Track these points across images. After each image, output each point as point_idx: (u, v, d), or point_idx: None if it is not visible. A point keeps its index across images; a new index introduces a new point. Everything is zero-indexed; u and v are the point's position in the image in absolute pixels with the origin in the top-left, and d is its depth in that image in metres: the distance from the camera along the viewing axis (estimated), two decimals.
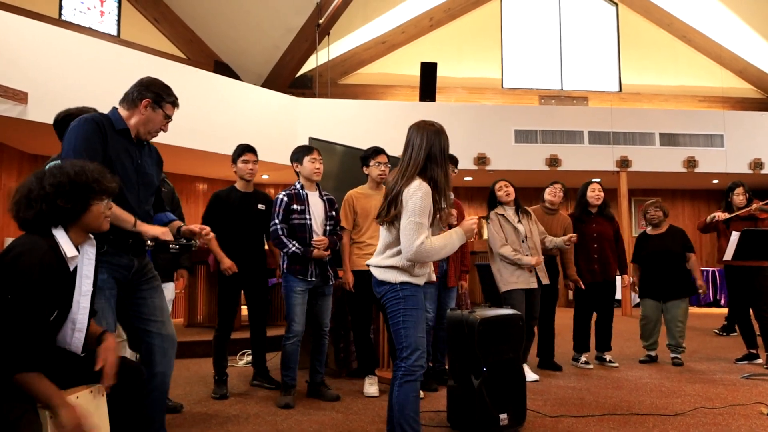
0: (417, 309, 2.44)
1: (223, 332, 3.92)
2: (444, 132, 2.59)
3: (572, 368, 4.77)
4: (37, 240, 1.77)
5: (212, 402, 3.72)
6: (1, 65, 5.63)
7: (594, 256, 4.83)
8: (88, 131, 2.25)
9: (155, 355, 2.41)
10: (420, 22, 11.48)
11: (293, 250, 3.61)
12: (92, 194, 1.86)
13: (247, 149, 4.00)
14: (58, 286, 1.77)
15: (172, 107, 2.52)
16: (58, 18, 8.65)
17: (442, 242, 2.40)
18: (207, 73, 8.42)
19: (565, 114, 9.89)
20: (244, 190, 4.02)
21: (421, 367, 2.42)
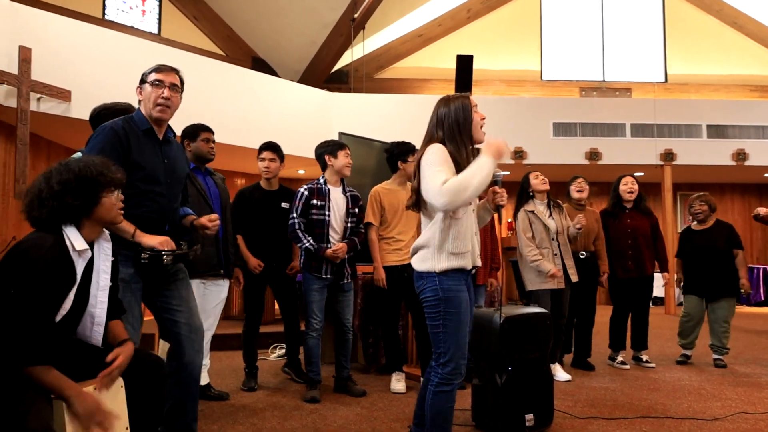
0: (459, 312, 2.22)
1: (251, 327, 3.98)
2: (455, 99, 2.36)
3: (607, 368, 4.64)
4: (43, 236, 1.82)
5: (241, 394, 3.78)
6: (46, 65, 5.83)
7: (628, 252, 4.68)
8: (105, 142, 2.27)
9: (183, 345, 2.44)
10: (457, 14, 11.34)
11: (306, 245, 3.62)
12: (100, 187, 1.90)
13: (264, 147, 4.03)
14: (61, 279, 1.80)
15: (156, 72, 2.42)
16: (101, 18, 8.91)
17: (468, 172, 2.13)
18: (244, 70, 8.52)
19: (606, 106, 9.60)
20: (267, 188, 4.04)
21: (459, 375, 2.24)
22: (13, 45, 5.59)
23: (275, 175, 4.04)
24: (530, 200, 4.35)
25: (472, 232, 2.34)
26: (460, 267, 2.24)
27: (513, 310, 3.09)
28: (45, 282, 1.74)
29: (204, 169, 3.67)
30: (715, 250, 4.77)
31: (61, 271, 1.80)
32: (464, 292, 2.26)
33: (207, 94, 7.40)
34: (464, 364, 2.26)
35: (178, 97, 2.48)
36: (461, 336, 2.23)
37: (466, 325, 2.26)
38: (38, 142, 6.65)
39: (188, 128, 3.66)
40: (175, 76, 2.47)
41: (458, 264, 2.24)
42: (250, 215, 3.95)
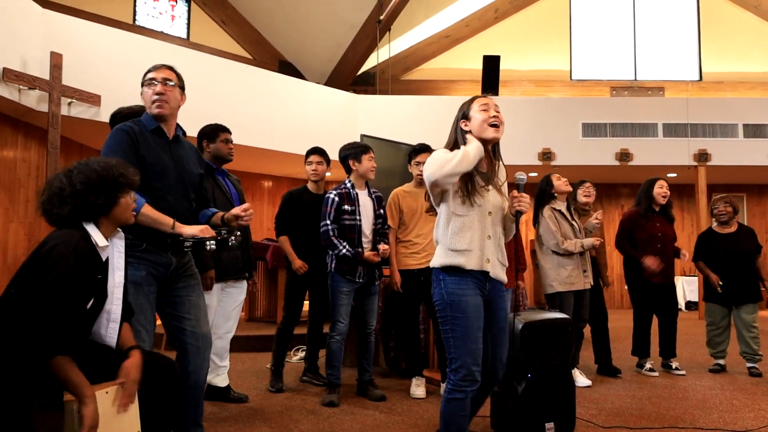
0: (465, 316, 2.16)
1: (287, 327, 4.02)
2: (464, 104, 2.40)
3: (634, 375, 4.50)
4: (70, 231, 1.85)
5: (261, 396, 3.79)
6: (77, 70, 5.96)
7: (655, 256, 4.55)
8: (118, 143, 2.33)
9: (189, 353, 2.45)
10: (484, 14, 11.23)
11: (343, 251, 3.60)
12: (120, 188, 1.94)
13: (312, 152, 4.10)
14: (92, 273, 1.85)
15: (149, 72, 2.45)
16: (132, 23, 9.09)
17: (451, 155, 2.18)
18: (271, 73, 8.59)
19: (637, 105, 9.37)
20: (315, 192, 4.09)
21: (473, 382, 2.17)
22: (45, 51, 5.74)
23: (322, 177, 4.11)
24: (553, 200, 4.27)
25: (482, 234, 2.27)
26: (458, 265, 2.20)
27: (533, 315, 3.02)
28: (77, 275, 1.77)
29: (221, 170, 3.70)
30: (745, 255, 4.64)
31: (91, 264, 1.85)
32: (471, 296, 2.21)
33: (234, 97, 7.49)
34: (478, 371, 2.19)
35: (175, 91, 2.46)
36: (471, 341, 2.16)
37: (477, 330, 2.20)
38: (69, 145, 6.81)
39: (206, 128, 3.67)
40: (167, 71, 2.47)
41: (456, 261, 2.20)
42: (298, 217, 3.99)
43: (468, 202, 2.24)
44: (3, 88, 5.31)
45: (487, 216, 2.29)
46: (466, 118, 2.35)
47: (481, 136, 2.29)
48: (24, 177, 6.20)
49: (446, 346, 2.22)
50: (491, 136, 2.30)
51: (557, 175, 4.34)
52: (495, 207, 2.32)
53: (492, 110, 2.31)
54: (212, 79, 7.32)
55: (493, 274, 2.28)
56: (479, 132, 2.29)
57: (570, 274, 4.09)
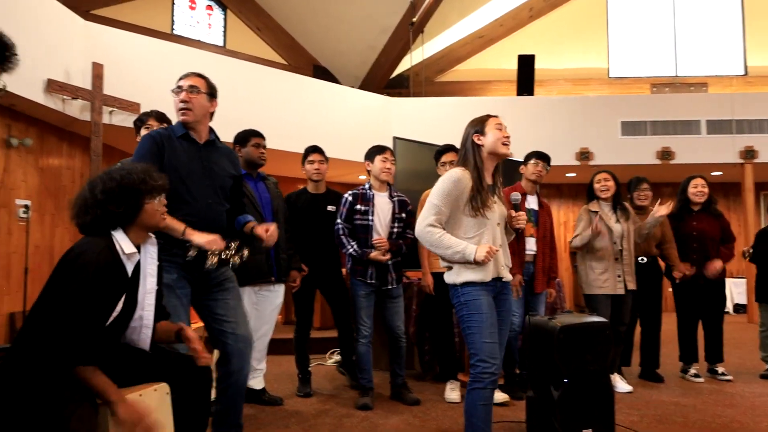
0: (480, 313, 2.39)
1: (301, 332, 3.99)
2: (476, 121, 2.60)
3: (678, 381, 4.35)
4: (95, 240, 1.88)
5: (295, 399, 3.80)
6: (117, 79, 6.13)
7: (693, 257, 4.38)
8: (144, 150, 2.41)
9: (230, 354, 2.48)
10: (519, 13, 11.09)
11: (350, 250, 3.60)
12: (141, 195, 1.94)
13: (312, 150, 4.05)
14: (114, 282, 1.85)
15: (178, 80, 2.54)
16: (170, 32, 9.31)
17: (447, 244, 2.38)
18: (306, 78, 8.67)
19: (679, 102, 9.08)
20: (314, 192, 4.05)
21: (491, 375, 2.36)
22: (87, 62, 5.92)
23: (323, 177, 4.06)
24: (595, 201, 4.15)
25: (494, 245, 2.44)
26: (479, 280, 2.40)
27: (570, 318, 2.94)
28: (97, 285, 1.79)
29: (256, 174, 3.73)
30: None
31: (112, 275, 1.85)
32: (485, 297, 2.42)
33: (270, 102, 7.58)
34: (495, 364, 2.38)
35: (201, 97, 2.51)
36: (486, 336, 2.37)
37: (491, 326, 2.40)
38: (111, 152, 7.00)
39: (239, 134, 3.73)
40: (195, 78, 2.53)
41: (476, 277, 2.40)
42: (298, 219, 3.97)
43: (480, 218, 2.43)
44: (48, 98, 5.50)
45: (497, 227, 2.51)
46: (480, 133, 2.53)
47: (496, 151, 2.51)
48: (69, 184, 6.41)
49: (467, 343, 2.43)
50: (504, 152, 2.52)
51: (600, 176, 4.16)
52: (501, 217, 2.55)
53: (504, 131, 2.55)
54: (248, 85, 7.43)
55: (506, 278, 2.53)
56: (494, 148, 2.50)
57: (598, 278, 3.97)
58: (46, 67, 5.46)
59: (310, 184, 4.07)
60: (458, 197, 2.43)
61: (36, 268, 5.64)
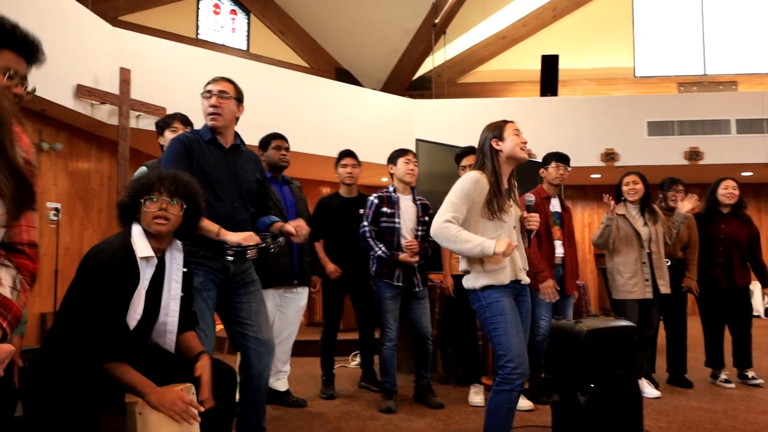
0: (504, 314, 2.40)
1: (329, 334, 4.01)
2: (488, 128, 2.62)
3: (708, 386, 4.25)
4: (112, 240, 1.93)
5: (319, 401, 3.82)
6: (144, 84, 6.24)
7: (717, 260, 4.28)
8: (173, 153, 2.42)
9: (251, 358, 2.50)
10: (542, 13, 10.99)
11: (379, 252, 3.60)
12: (139, 194, 1.97)
13: (345, 154, 4.08)
14: (126, 281, 1.88)
15: (207, 84, 2.54)
16: (195, 37, 9.44)
17: (466, 238, 2.38)
18: (328, 81, 8.71)
19: (708, 101, 8.90)
20: (346, 196, 4.07)
21: (520, 375, 2.35)
22: (115, 67, 6.03)
23: (356, 180, 4.08)
24: (623, 203, 4.08)
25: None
26: (498, 283, 2.42)
27: (597, 322, 2.89)
28: (109, 282, 1.83)
29: (281, 177, 3.75)
30: None
31: (124, 273, 1.88)
32: (506, 298, 2.43)
33: (292, 105, 7.63)
34: (524, 366, 2.36)
35: (230, 102, 2.53)
36: (513, 335, 2.37)
37: (516, 326, 2.40)
38: (138, 156, 7.11)
39: (262, 138, 3.77)
40: (224, 83, 2.54)
41: (495, 281, 2.42)
42: (330, 222, 3.99)
43: (497, 221, 2.45)
44: (77, 103, 5.62)
45: (513, 230, 2.53)
46: (498, 138, 2.55)
47: (514, 156, 2.53)
48: (97, 187, 6.53)
49: (495, 345, 2.43)
50: (522, 157, 2.55)
51: (628, 179, 4.07)
52: (517, 220, 2.58)
53: (521, 135, 2.58)
54: (271, 88, 7.49)
55: (523, 281, 2.54)
56: (513, 152, 2.53)
57: (626, 282, 3.90)
58: (75, 73, 5.58)
59: (342, 188, 4.10)
60: (476, 199, 2.45)
61: (65, 269, 5.75)
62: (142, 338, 1.97)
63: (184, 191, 2.01)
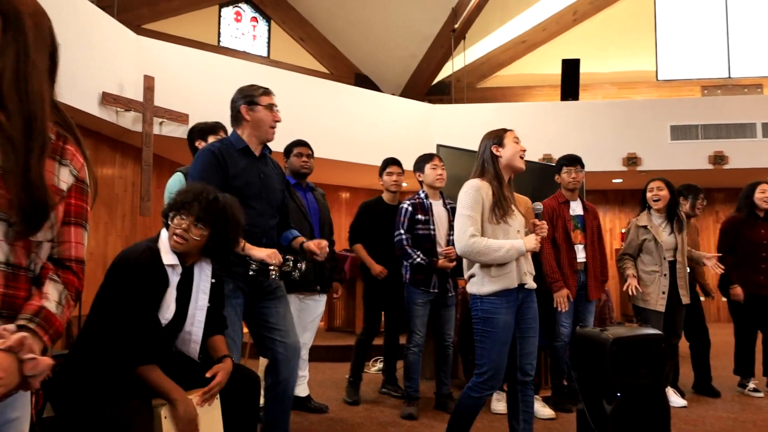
0: (495, 330, 2.44)
1: (367, 337, 4.03)
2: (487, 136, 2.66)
3: (736, 395, 4.17)
4: (140, 244, 1.98)
5: (340, 407, 3.82)
6: (167, 91, 6.32)
7: (761, 266, 4.19)
8: (204, 164, 2.42)
9: (279, 363, 2.50)
10: (563, 17, 10.91)
11: (418, 260, 3.59)
12: (169, 209, 2.01)
13: (391, 162, 4.12)
14: (153, 284, 1.91)
15: (267, 96, 2.58)
16: (217, 44, 9.55)
17: (497, 245, 2.43)
18: (348, 87, 8.75)
19: (733, 105, 8.76)
20: (390, 203, 4.10)
21: (490, 387, 2.47)
22: (139, 75, 6.13)
23: (400, 188, 4.12)
24: (646, 212, 4.00)
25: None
26: (503, 289, 2.46)
27: (623, 330, 2.86)
28: (137, 283, 1.87)
29: (305, 184, 3.77)
30: None
31: (150, 276, 1.91)
32: (503, 315, 2.45)
33: (312, 111, 7.67)
34: (498, 381, 2.47)
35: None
36: (496, 353, 2.44)
37: (503, 345, 2.46)
38: (161, 162, 7.22)
39: (286, 146, 3.80)
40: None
41: (501, 286, 2.46)
42: (373, 228, 4.02)
43: (502, 224, 2.50)
44: (102, 110, 5.71)
45: (517, 234, 2.56)
46: (499, 144, 2.60)
47: (512, 164, 2.58)
48: (121, 193, 6.63)
49: (476, 352, 2.51)
50: (520, 166, 2.60)
51: (653, 185, 3.99)
52: (521, 225, 2.61)
53: (521, 144, 2.62)
54: (292, 94, 7.54)
55: (528, 285, 2.56)
56: (511, 160, 2.58)
57: (645, 292, 3.84)
58: (101, 81, 5.68)
59: (386, 195, 4.13)
60: (482, 205, 2.50)
61: (90, 274, 5.83)
62: (167, 344, 1.99)
63: (214, 218, 1.99)
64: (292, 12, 10.33)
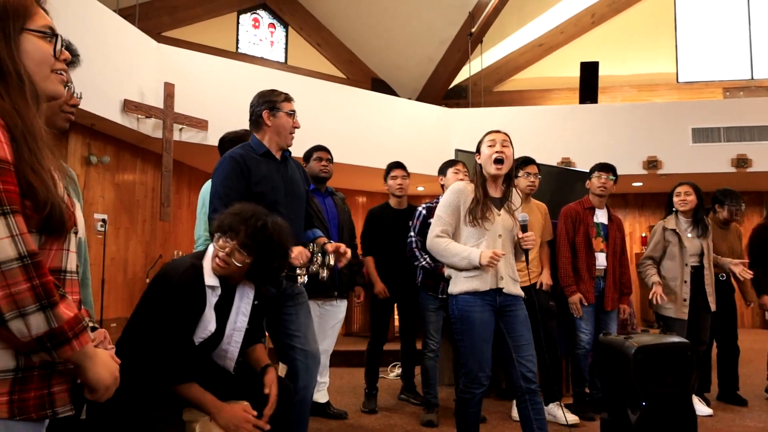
0: (471, 328, 2.47)
1: (376, 345, 3.99)
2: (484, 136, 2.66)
3: (763, 402, 4.08)
4: (185, 260, 1.96)
5: (360, 414, 3.80)
6: (186, 98, 6.39)
7: None
8: (228, 171, 2.43)
9: (298, 370, 2.50)
10: (581, 20, 10.84)
11: (423, 263, 3.58)
12: (222, 229, 1.97)
13: (395, 165, 4.08)
14: (192, 302, 1.90)
15: (288, 102, 2.60)
16: (235, 51, 9.63)
17: (454, 251, 2.48)
18: (365, 91, 8.78)
19: (756, 107, 8.61)
20: (396, 207, 4.06)
21: (478, 386, 2.49)
22: (160, 82, 6.20)
23: (406, 192, 4.08)
24: (673, 215, 3.94)
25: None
26: (474, 289, 2.46)
27: (647, 338, 2.81)
28: (174, 305, 1.85)
29: (324, 189, 3.78)
30: None
31: (189, 296, 1.89)
32: (478, 313, 2.47)
33: (329, 116, 7.70)
34: (483, 376, 2.49)
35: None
36: (477, 351, 2.47)
37: (483, 342, 2.48)
38: (181, 168, 7.29)
39: (306, 151, 3.81)
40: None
41: (472, 286, 2.46)
42: (381, 234, 3.99)
43: (478, 228, 2.49)
44: (124, 117, 5.79)
45: (498, 239, 2.53)
46: (478, 151, 2.63)
47: (486, 170, 2.57)
48: (142, 198, 6.70)
49: (460, 353, 2.57)
50: (489, 171, 2.56)
51: (680, 189, 3.93)
52: (505, 229, 2.56)
53: (498, 146, 2.57)
54: (309, 99, 7.56)
55: (506, 290, 2.53)
56: (485, 165, 2.57)
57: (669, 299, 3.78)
58: (123, 89, 5.76)
59: (392, 200, 4.09)
60: (459, 207, 2.54)
61: (111, 279, 5.91)
62: (202, 359, 1.99)
63: (259, 246, 1.93)
64: (310, 18, 10.39)
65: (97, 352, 1.08)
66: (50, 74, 1.12)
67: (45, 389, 1.03)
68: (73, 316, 1.00)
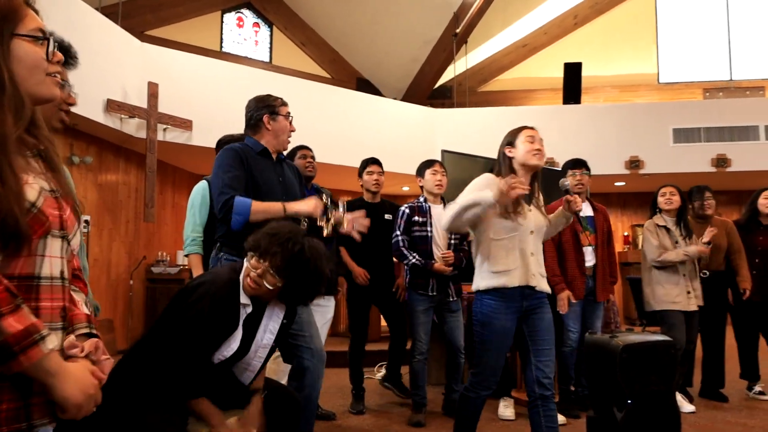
0: (492, 337, 2.42)
1: (357, 347, 3.97)
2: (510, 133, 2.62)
3: (744, 400, 4.16)
4: (221, 273, 1.93)
5: (348, 415, 3.81)
6: (170, 98, 6.32)
7: (752, 272, 4.19)
8: (230, 157, 2.47)
9: (305, 370, 2.49)
10: (563, 21, 10.94)
11: (413, 261, 3.59)
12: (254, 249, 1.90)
13: (371, 161, 4.08)
14: (225, 319, 1.85)
15: (285, 106, 2.66)
16: (219, 50, 9.57)
17: (465, 198, 2.38)
18: (349, 91, 8.77)
19: (735, 107, 8.78)
20: (371, 201, 4.06)
21: (485, 388, 2.47)
22: (143, 81, 6.13)
23: (381, 188, 4.08)
24: (659, 214, 4.00)
25: (525, 252, 2.44)
26: (502, 285, 2.39)
27: (633, 337, 2.85)
28: (210, 317, 1.81)
29: (310, 186, 3.77)
30: None
31: (226, 311, 1.85)
32: (502, 320, 2.40)
33: (314, 116, 7.67)
34: (494, 381, 2.47)
35: None
36: (492, 357, 2.45)
37: (500, 349, 2.46)
38: (165, 168, 7.22)
39: (289, 151, 3.80)
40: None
41: (500, 282, 2.39)
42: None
43: (512, 222, 2.42)
44: (107, 117, 5.72)
45: (529, 235, 2.47)
46: (511, 145, 2.56)
47: (526, 163, 2.51)
48: (125, 199, 6.63)
49: (475, 353, 2.53)
50: (533, 164, 2.52)
51: (665, 189, 4.00)
52: (537, 226, 2.52)
53: (537, 143, 2.54)
54: (294, 99, 7.40)
55: (538, 287, 2.47)
56: (524, 159, 2.51)
57: (668, 293, 3.82)
58: (106, 88, 5.69)
59: (366, 194, 4.08)
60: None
61: (95, 280, 5.84)
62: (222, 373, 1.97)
63: (293, 271, 1.86)
64: (294, 17, 10.35)
65: (65, 367, 0.99)
66: (44, 78, 1.09)
67: (20, 401, 0.98)
68: (21, 330, 0.92)
